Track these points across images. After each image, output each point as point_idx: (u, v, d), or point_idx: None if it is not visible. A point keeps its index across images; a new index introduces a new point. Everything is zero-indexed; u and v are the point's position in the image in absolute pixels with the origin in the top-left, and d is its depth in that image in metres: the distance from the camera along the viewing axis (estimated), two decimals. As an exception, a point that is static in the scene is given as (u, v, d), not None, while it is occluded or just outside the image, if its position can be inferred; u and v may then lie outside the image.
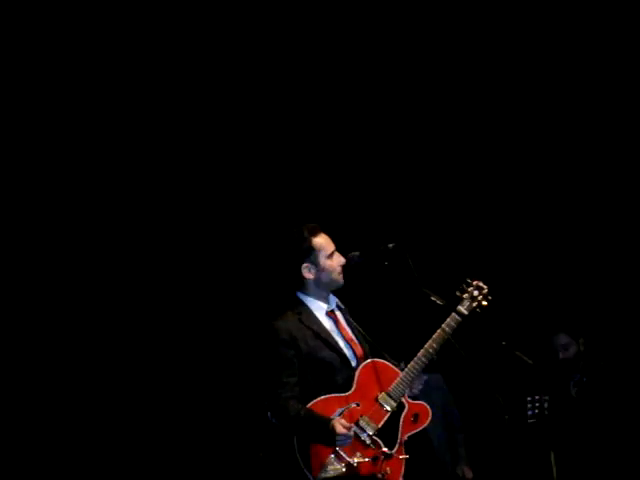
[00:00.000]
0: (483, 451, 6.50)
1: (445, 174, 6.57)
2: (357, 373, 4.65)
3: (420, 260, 4.87)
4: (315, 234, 4.78)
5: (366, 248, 4.83)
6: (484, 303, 4.78)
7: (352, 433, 4.47)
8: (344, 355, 4.70)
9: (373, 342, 4.85)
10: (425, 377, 4.74)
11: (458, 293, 4.80)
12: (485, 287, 4.80)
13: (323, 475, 4.45)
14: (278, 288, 4.90)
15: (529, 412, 5.81)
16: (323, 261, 4.74)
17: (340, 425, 4.44)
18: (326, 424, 4.46)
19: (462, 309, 4.74)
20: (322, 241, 4.77)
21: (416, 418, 4.66)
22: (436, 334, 4.69)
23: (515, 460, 6.16)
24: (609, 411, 6.12)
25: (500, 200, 6.56)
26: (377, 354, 4.79)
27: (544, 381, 5.82)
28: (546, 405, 5.79)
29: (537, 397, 5.80)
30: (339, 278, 4.76)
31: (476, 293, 4.79)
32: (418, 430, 4.66)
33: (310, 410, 4.51)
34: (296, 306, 4.76)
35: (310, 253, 4.74)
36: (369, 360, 4.71)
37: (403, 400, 4.65)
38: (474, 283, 4.80)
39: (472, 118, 6.58)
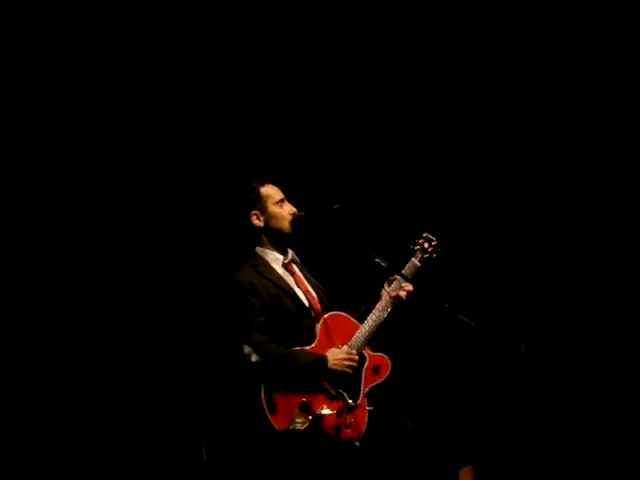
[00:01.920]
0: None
1: (394, 135, 6.56)
2: (318, 326, 4.74)
3: (365, 222, 4.92)
4: (263, 184, 4.89)
5: (312, 209, 4.86)
6: (434, 255, 4.95)
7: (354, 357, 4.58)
8: (303, 305, 4.79)
9: (331, 295, 4.91)
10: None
11: (410, 245, 4.94)
12: (434, 239, 4.97)
13: (290, 427, 4.52)
14: (238, 246, 4.95)
15: None
16: (271, 208, 4.83)
17: (334, 353, 4.59)
18: (318, 356, 4.59)
19: (415, 261, 4.88)
20: (270, 189, 4.89)
21: (377, 370, 4.75)
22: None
23: (455, 421, 6.23)
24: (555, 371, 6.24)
25: (445, 162, 6.56)
26: (336, 307, 4.87)
27: (488, 343, 5.87)
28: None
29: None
30: (287, 226, 4.83)
31: (427, 245, 4.95)
32: (380, 382, 4.75)
33: (293, 350, 4.60)
34: (253, 259, 4.83)
35: (258, 201, 4.81)
36: (330, 313, 4.80)
37: (364, 352, 4.73)
38: (424, 235, 4.98)
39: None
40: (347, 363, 4.64)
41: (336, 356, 4.64)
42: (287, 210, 4.85)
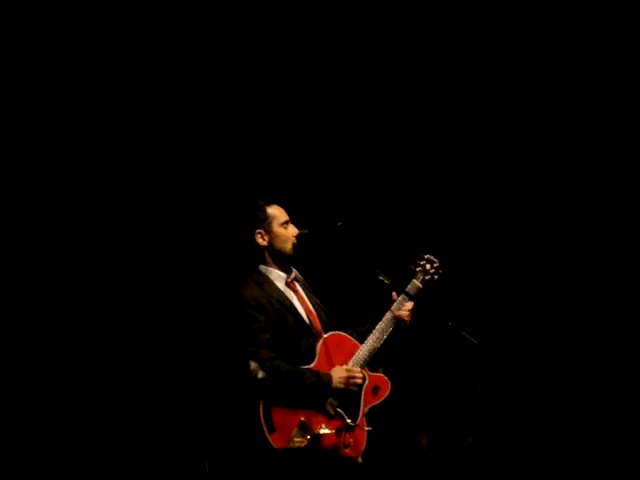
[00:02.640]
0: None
1: (396, 154, 6.58)
2: (318, 345, 4.74)
3: (369, 239, 4.93)
4: (269, 204, 4.90)
5: (315, 226, 4.88)
6: (436, 277, 4.93)
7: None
8: (305, 323, 4.79)
9: (332, 314, 4.93)
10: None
11: (412, 267, 4.93)
12: (436, 261, 4.95)
13: (288, 445, 4.52)
14: (241, 264, 4.95)
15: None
16: (276, 228, 4.85)
17: (339, 370, 4.61)
18: (324, 374, 4.60)
19: (417, 282, 4.88)
20: (276, 210, 4.89)
21: (376, 391, 4.74)
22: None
23: (458, 438, 6.23)
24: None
25: (449, 182, 6.58)
26: (337, 326, 4.88)
27: (490, 360, 5.88)
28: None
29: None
30: (289, 248, 4.84)
31: (428, 266, 4.94)
32: (379, 402, 4.74)
33: (299, 368, 4.61)
34: (257, 276, 4.84)
35: (264, 220, 4.84)
36: (330, 333, 4.80)
37: (364, 372, 4.73)
38: (426, 257, 4.96)
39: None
40: (351, 381, 4.66)
41: (340, 374, 4.65)
42: (291, 232, 4.87)
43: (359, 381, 4.67)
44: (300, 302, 4.86)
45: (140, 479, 5.85)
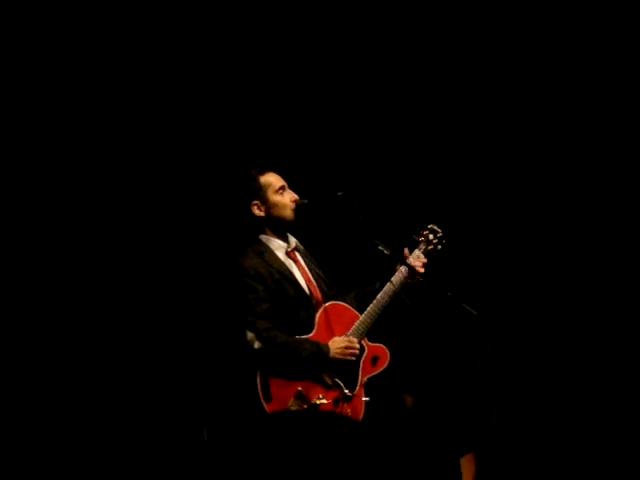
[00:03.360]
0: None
1: (398, 122, 6.55)
2: (317, 315, 4.73)
3: (370, 209, 4.92)
4: (262, 173, 4.85)
5: (315, 196, 4.85)
6: (439, 247, 4.91)
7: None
8: (304, 293, 4.78)
9: (333, 285, 4.91)
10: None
11: (415, 236, 4.90)
12: (440, 231, 4.92)
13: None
14: (241, 234, 4.94)
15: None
16: (272, 197, 4.81)
17: (337, 341, 4.60)
18: (321, 345, 4.60)
19: (419, 252, 4.85)
20: (270, 178, 4.86)
21: (375, 361, 4.74)
22: (395, 275, 4.78)
23: (456, 410, 6.23)
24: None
25: (449, 153, 6.55)
26: (336, 296, 4.86)
27: (489, 332, 5.88)
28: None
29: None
30: (289, 214, 4.81)
31: (431, 237, 4.91)
32: (378, 372, 4.74)
33: (296, 338, 4.61)
34: (257, 246, 4.82)
35: (258, 191, 4.79)
36: (330, 302, 4.78)
37: (363, 343, 4.72)
38: (429, 226, 4.92)
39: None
40: (349, 352, 4.64)
41: (338, 345, 4.64)
42: (289, 197, 4.83)
43: (357, 352, 4.66)
44: (300, 272, 4.85)
45: (140, 447, 5.87)
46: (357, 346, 4.65)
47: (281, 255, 4.83)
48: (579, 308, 6.40)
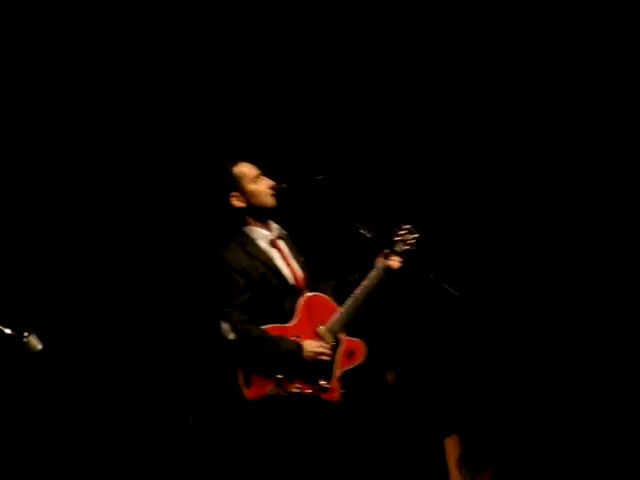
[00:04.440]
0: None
1: (379, 107, 6.56)
2: (298, 305, 4.72)
3: (349, 193, 4.92)
4: (234, 164, 4.84)
5: (295, 180, 4.85)
6: (414, 247, 4.91)
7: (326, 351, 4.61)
8: (287, 282, 4.77)
9: (314, 275, 4.92)
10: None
11: (393, 236, 4.91)
12: (417, 232, 4.92)
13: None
14: (225, 231, 4.92)
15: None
16: (248, 186, 4.80)
17: (310, 344, 4.59)
18: (295, 343, 4.58)
19: (396, 251, 4.85)
20: (243, 168, 4.84)
21: (351, 355, 4.74)
22: (372, 272, 4.79)
23: (440, 391, 6.27)
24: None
25: (432, 137, 6.57)
26: (316, 286, 4.86)
27: (470, 313, 5.91)
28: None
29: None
30: (269, 200, 4.81)
31: (408, 237, 4.92)
32: (353, 366, 4.73)
33: (271, 335, 4.60)
34: (239, 237, 4.81)
35: (233, 182, 4.79)
36: (312, 293, 4.78)
37: (339, 336, 4.72)
38: (407, 227, 4.93)
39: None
40: (322, 357, 4.63)
41: (311, 348, 4.62)
42: (265, 184, 4.82)
43: (329, 358, 4.65)
44: (284, 261, 4.83)
45: (127, 434, 5.88)
46: (329, 352, 4.64)
47: (264, 245, 4.81)
48: (561, 288, 6.42)
